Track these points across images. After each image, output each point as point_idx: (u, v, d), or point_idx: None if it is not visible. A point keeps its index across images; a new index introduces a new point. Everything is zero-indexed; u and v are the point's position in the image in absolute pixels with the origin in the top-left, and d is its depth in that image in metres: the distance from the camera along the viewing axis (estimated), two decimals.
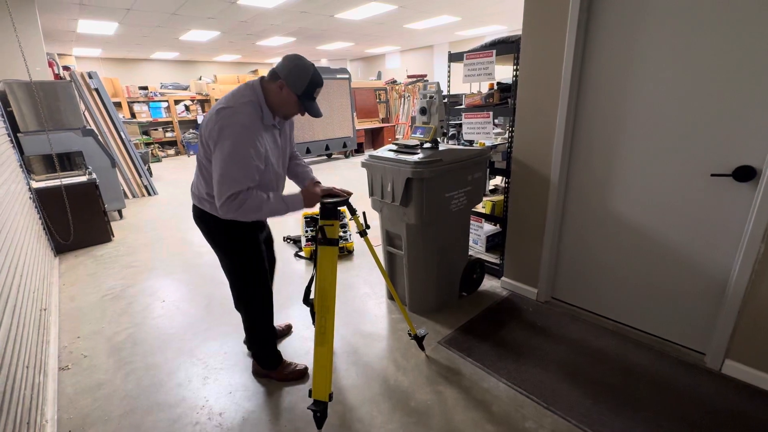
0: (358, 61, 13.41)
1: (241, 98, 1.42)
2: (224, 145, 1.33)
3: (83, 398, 1.81)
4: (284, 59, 1.46)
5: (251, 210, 1.37)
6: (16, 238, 2.23)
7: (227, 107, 1.38)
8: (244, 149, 1.34)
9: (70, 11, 5.40)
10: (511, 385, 1.78)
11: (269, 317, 1.82)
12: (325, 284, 1.51)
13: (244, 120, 1.36)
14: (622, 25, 1.85)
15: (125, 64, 10.55)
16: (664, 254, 1.96)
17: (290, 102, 1.47)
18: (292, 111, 1.51)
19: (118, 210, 4.50)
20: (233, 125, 1.34)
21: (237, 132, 1.34)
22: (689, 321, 1.95)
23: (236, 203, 1.34)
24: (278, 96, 1.46)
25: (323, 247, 1.56)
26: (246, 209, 1.36)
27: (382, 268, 1.90)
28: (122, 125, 5.37)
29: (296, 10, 5.93)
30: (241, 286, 1.74)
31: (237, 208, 1.34)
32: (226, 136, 1.34)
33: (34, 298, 2.18)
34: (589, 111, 2.06)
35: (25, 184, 3.27)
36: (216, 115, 1.38)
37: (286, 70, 1.43)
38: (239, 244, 1.62)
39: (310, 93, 1.47)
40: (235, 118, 1.35)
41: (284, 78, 1.43)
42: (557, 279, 2.45)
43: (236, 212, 1.36)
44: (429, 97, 2.14)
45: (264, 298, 1.76)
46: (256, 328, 1.82)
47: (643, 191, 1.96)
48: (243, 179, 1.35)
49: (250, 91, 1.44)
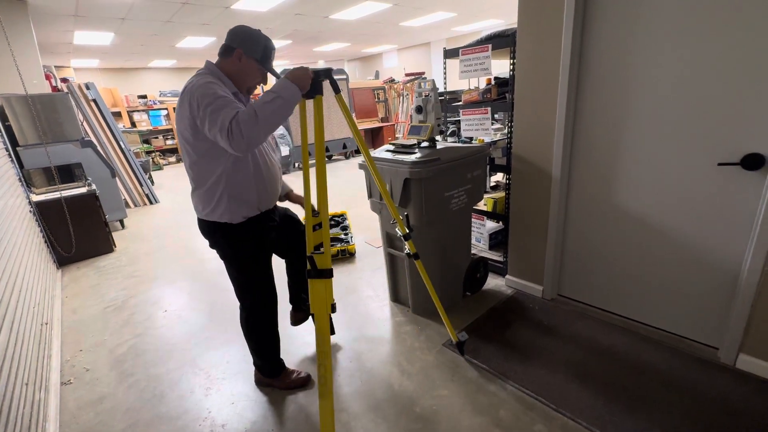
0: (356, 61, 13.38)
1: (196, 75, 1.43)
2: (203, 102, 1.29)
3: (85, 413, 1.79)
4: (230, 32, 1.45)
5: (251, 122, 1.23)
6: (15, 253, 2.22)
7: (188, 84, 1.38)
8: (218, 94, 1.31)
9: (65, 23, 5.41)
10: (519, 387, 1.73)
11: (271, 325, 1.78)
12: (321, 325, 1.36)
13: (207, 80, 1.36)
14: (621, 10, 1.80)
15: (123, 73, 10.59)
16: (672, 247, 1.90)
17: (251, 69, 1.47)
18: (255, 79, 1.51)
19: (119, 220, 4.50)
20: (201, 86, 1.32)
21: (206, 86, 1.32)
22: (701, 315, 1.89)
23: (237, 129, 1.22)
24: (238, 67, 1.46)
25: (314, 281, 1.37)
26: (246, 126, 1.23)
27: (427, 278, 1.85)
28: (121, 135, 5.37)
29: (291, 13, 5.91)
30: (241, 291, 1.70)
31: (239, 130, 1.22)
32: (201, 95, 1.31)
33: (34, 312, 2.17)
34: (590, 102, 2.01)
35: (25, 198, 3.26)
36: (183, 94, 1.38)
37: (239, 38, 1.44)
38: (240, 249, 1.58)
39: (268, 55, 1.48)
40: (199, 82, 1.34)
41: (240, 46, 1.43)
42: (563, 276, 2.40)
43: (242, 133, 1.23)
44: (425, 95, 2.09)
45: (265, 304, 1.72)
46: (258, 336, 1.78)
47: (647, 183, 1.91)
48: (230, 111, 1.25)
49: (204, 69, 1.45)
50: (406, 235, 1.78)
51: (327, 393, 1.27)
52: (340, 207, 4.55)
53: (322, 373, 1.28)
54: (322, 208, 1.39)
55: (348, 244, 3.32)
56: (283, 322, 2.40)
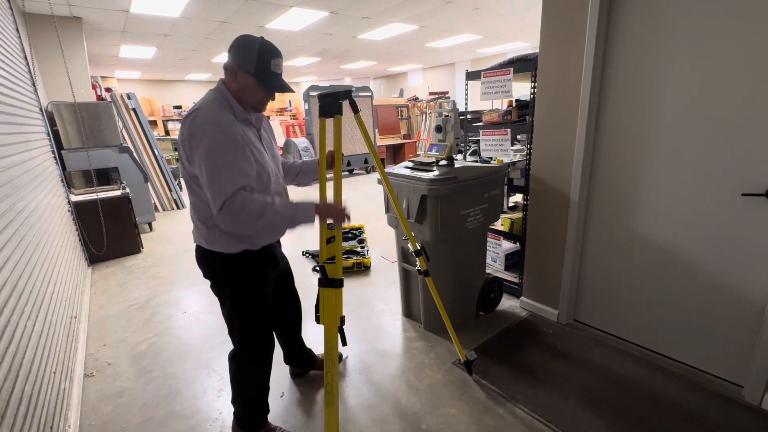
0: (381, 79, 13.69)
1: (205, 100, 1.29)
2: (201, 150, 1.18)
3: (105, 405, 1.87)
4: (230, 45, 1.29)
5: (253, 216, 1.17)
6: (53, 249, 2.37)
7: (192, 111, 1.25)
8: (223, 145, 1.18)
9: (113, 38, 5.83)
10: (529, 411, 1.70)
11: (258, 372, 1.55)
12: (329, 333, 1.33)
13: (213, 115, 1.21)
14: (642, 37, 1.82)
15: (162, 84, 11.21)
16: (695, 277, 1.85)
17: (248, 85, 1.27)
18: (257, 96, 1.30)
19: (148, 223, 4.71)
20: (202, 124, 1.19)
21: (208, 130, 1.19)
22: (724, 349, 1.82)
23: (234, 209, 1.15)
24: (236, 84, 1.28)
25: (325, 290, 1.33)
26: (247, 215, 1.17)
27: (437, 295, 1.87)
28: (156, 142, 5.66)
29: (321, 32, 6.17)
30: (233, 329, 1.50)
31: (237, 214, 1.16)
32: (199, 138, 1.18)
33: (65, 306, 2.30)
34: (610, 127, 2.01)
35: (65, 198, 3.48)
36: (184, 124, 1.24)
37: (232, 53, 1.27)
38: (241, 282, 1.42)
39: (266, 66, 1.26)
40: (202, 116, 1.21)
41: (234, 60, 1.26)
42: (579, 300, 2.36)
43: (237, 220, 1.17)
44: (445, 115, 2.15)
45: (254, 346, 1.51)
46: (241, 382, 1.54)
47: (669, 211, 1.88)
48: (234, 177, 1.17)
49: (215, 91, 1.31)
50: (417, 251, 1.81)
51: (333, 401, 1.29)
52: (358, 220, 4.62)
53: (328, 381, 1.31)
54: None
55: (364, 257, 3.36)
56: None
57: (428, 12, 5.29)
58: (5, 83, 2.20)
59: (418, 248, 1.82)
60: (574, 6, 1.97)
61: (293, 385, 1.97)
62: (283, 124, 9.64)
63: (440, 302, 1.87)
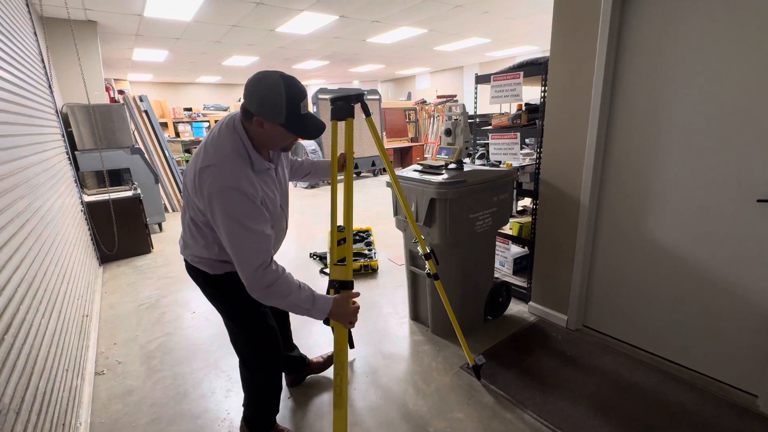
0: (389, 82, 13.74)
1: (222, 150, 1.18)
2: (220, 219, 1.14)
3: (115, 403, 1.89)
4: (247, 88, 1.15)
5: (279, 295, 1.17)
6: (67, 248, 2.41)
7: (209, 166, 1.16)
8: (244, 220, 1.14)
9: (127, 41, 5.94)
10: (537, 418, 1.69)
11: (270, 378, 1.55)
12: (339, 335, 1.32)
13: (230, 181, 1.13)
14: (655, 40, 1.81)
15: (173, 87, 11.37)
16: (708, 283, 1.82)
17: (277, 135, 1.19)
18: (287, 141, 1.24)
19: (158, 223, 4.77)
20: (221, 192, 1.12)
21: (226, 200, 1.12)
22: (738, 358, 1.79)
23: (264, 282, 1.15)
24: (262, 134, 1.19)
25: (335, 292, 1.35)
26: (273, 292, 1.16)
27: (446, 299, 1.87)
28: (166, 144, 5.74)
29: (330, 36, 6.21)
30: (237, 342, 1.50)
31: (265, 287, 1.15)
32: (217, 208, 1.13)
33: (78, 304, 2.33)
34: (622, 131, 2.00)
35: (78, 198, 3.54)
36: (199, 177, 1.16)
37: (255, 102, 1.14)
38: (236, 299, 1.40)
39: (296, 113, 1.15)
40: (220, 182, 1.13)
41: (257, 113, 1.14)
42: (589, 306, 2.33)
43: (263, 292, 1.16)
44: (454, 118, 2.15)
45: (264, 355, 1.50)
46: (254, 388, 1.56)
47: (681, 216, 1.86)
48: (257, 253, 1.15)
49: (231, 138, 1.20)
50: (427, 254, 1.81)
51: (342, 403, 1.30)
52: (365, 223, 4.63)
53: (337, 383, 1.31)
54: (348, 223, 1.38)
55: (371, 259, 3.36)
56: (298, 336, 2.45)
57: (438, 16, 5.30)
58: (24, 86, 2.26)
59: (427, 251, 1.82)
60: (585, 9, 1.96)
61: (300, 386, 1.97)
62: None
63: (449, 306, 1.86)
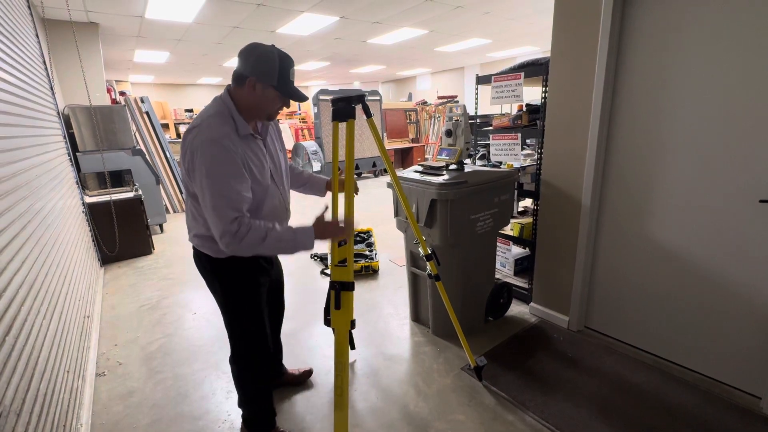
0: (390, 83, 13.75)
1: (206, 112, 1.27)
2: (201, 174, 1.18)
3: (116, 405, 1.89)
4: (241, 55, 1.25)
5: (256, 240, 1.20)
6: (68, 250, 2.42)
7: (194, 127, 1.24)
8: (221, 173, 1.18)
9: (128, 43, 5.96)
10: (538, 419, 1.68)
11: (261, 374, 1.58)
12: (340, 336, 1.32)
13: (212, 134, 1.19)
14: (657, 40, 1.80)
15: (174, 88, 11.40)
16: (710, 284, 1.82)
17: (269, 97, 1.27)
18: (275, 107, 1.31)
19: (159, 224, 4.77)
20: (202, 146, 1.18)
21: (207, 153, 1.18)
22: (741, 359, 1.78)
23: (236, 238, 1.18)
24: (254, 97, 1.26)
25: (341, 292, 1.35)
26: (247, 243, 1.19)
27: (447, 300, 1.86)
28: (168, 145, 5.75)
29: (331, 37, 6.22)
30: (233, 335, 1.53)
31: (238, 242, 1.19)
32: (199, 162, 1.18)
33: (79, 305, 2.34)
34: (623, 131, 1.99)
35: (80, 199, 3.55)
36: (185, 139, 1.24)
37: (250, 64, 1.23)
38: (235, 289, 1.45)
39: (286, 77, 1.26)
40: (202, 136, 1.19)
41: (252, 74, 1.23)
42: (591, 307, 2.32)
43: (238, 247, 1.20)
44: (455, 119, 2.15)
45: (256, 351, 1.53)
46: (246, 384, 1.60)
47: (683, 216, 1.85)
48: (233, 205, 1.19)
49: (217, 103, 1.29)
50: (428, 255, 1.81)
51: (342, 404, 1.29)
52: (366, 224, 4.63)
53: (338, 384, 1.30)
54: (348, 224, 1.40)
55: (372, 260, 3.36)
56: (299, 337, 2.45)
57: (438, 17, 5.30)
58: (26, 88, 2.26)
59: (428, 252, 1.81)
60: (585, 10, 1.96)
61: (300, 388, 1.97)
62: (292, 127, 9.74)
63: (450, 307, 1.86)
